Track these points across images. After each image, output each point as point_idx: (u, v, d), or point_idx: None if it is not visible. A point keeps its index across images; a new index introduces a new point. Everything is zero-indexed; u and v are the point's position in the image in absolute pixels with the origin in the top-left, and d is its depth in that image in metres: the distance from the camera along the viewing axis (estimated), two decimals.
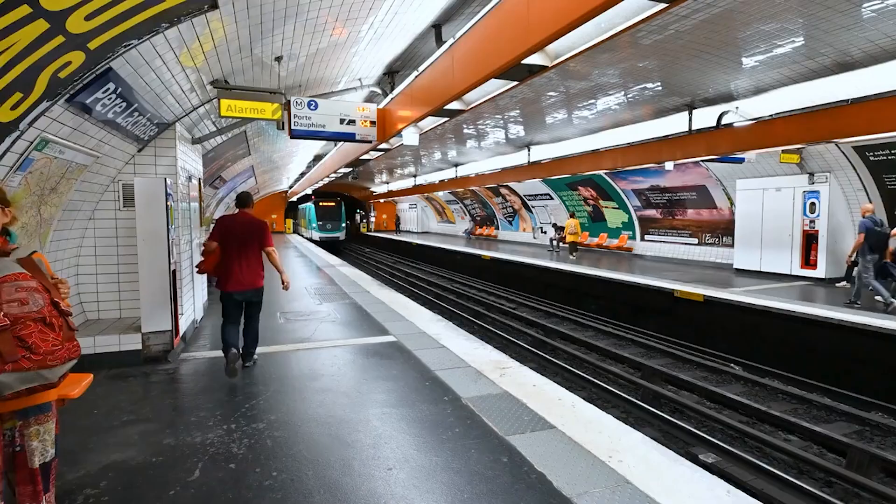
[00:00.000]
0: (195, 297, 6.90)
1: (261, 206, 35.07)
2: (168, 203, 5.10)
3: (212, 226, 5.16)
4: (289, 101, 6.65)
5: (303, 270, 13.30)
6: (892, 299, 7.56)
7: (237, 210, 4.97)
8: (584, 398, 3.88)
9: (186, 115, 5.93)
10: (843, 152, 9.78)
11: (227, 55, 5.24)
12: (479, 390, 4.21)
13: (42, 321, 1.81)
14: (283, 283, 4.93)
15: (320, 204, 31.94)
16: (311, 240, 31.03)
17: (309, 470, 2.96)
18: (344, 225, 32.40)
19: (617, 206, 16.74)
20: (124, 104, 4.12)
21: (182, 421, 3.71)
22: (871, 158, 9.48)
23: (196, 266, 5.39)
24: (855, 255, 8.09)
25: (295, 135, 6.84)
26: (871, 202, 9.26)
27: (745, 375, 7.14)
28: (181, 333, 5.59)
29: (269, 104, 6.09)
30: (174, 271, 5.29)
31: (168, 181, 5.14)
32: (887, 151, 9.18)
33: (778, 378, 7.19)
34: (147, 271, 5.02)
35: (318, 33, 5.70)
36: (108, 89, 3.68)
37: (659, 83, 8.60)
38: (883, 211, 9.76)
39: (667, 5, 3.34)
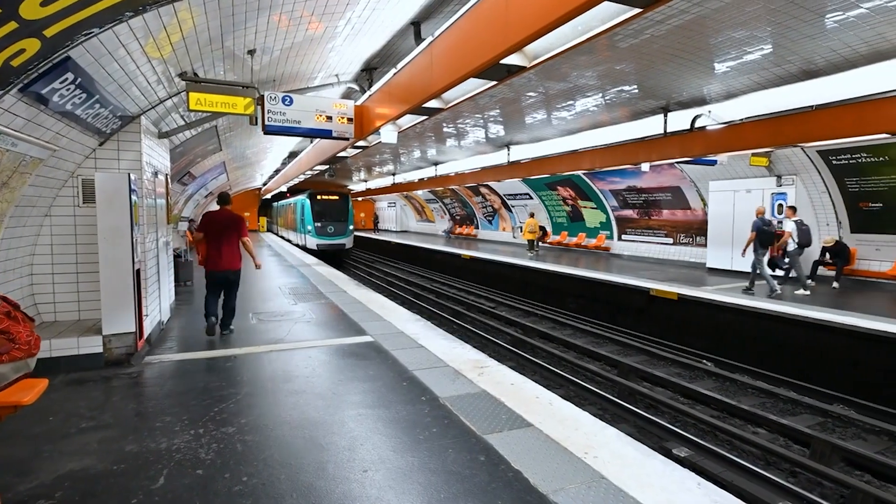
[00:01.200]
0: (161, 298, 6.68)
1: (233, 202, 34.39)
2: (132, 199, 4.91)
3: (180, 223, 5.16)
4: (262, 96, 6.49)
5: (277, 269, 13.04)
6: (778, 288, 8.84)
7: (219, 207, 6.29)
8: (561, 396, 3.89)
9: (153, 107, 5.73)
10: (808, 156, 10.12)
11: (196, 47, 5.07)
12: (457, 390, 4.17)
13: (7, 315, 1.86)
14: (255, 265, 6.41)
15: (319, 198, 22.50)
16: (302, 247, 22.23)
17: (281, 474, 2.88)
18: (351, 228, 23.13)
19: (595, 207, 16.96)
20: (84, 95, 3.93)
21: (146, 426, 3.56)
22: (834, 162, 9.84)
23: (199, 262, 6.42)
24: (749, 249, 9.35)
25: (269, 130, 6.68)
26: (835, 204, 9.63)
27: (716, 371, 7.30)
28: (146, 336, 5.39)
29: (241, 98, 5.92)
30: (138, 271, 5.10)
31: (132, 176, 4.95)
32: (848, 156, 9.54)
33: (748, 373, 7.38)
34: (109, 271, 4.81)
35: (294, 27, 5.58)
36: (67, 79, 3.50)
37: (635, 86, 8.72)
38: (845, 212, 10.13)
39: (641, 10, 3.37)
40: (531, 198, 19.89)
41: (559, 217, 19.16)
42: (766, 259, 9.32)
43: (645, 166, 11.55)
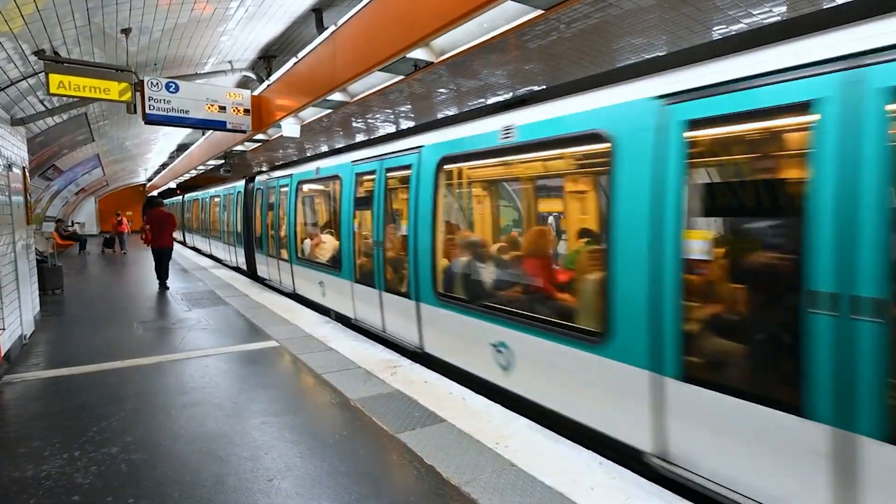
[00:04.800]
0: (22, 310, 5.78)
1: (111, 200, 30.79)
2: None
3: (44, 224, 4.49)
4: (141, 82, 5.85)
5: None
6: None
7: (156, 207, 9.98)
8: (475, 391, 3.99)
9: (2, 90, 4.92)
10: None
11: (55, 21, 4.43)
12: (369, 391, 4.10)
13: None
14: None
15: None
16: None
17: (175, 492, 2.64)
18: None
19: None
20: None
21: (6, 455, 3.08)
22: None
23: (144, 242, 9.67)
24: None
25: (151, 120, 6.06)
26: None
27: None
28: (3, 352, 4.65)
29: (115, 83, 5.29)
30: None
31: None
32: None
33: None
34: None
35: (177, 6, 5.09)
36: None
37: (545, 86, 9.15)
38: None
39: (544, 11, 3.53)
40: None
41: None
42: None
43: None
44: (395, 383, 4.26)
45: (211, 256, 16.08)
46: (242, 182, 11.73)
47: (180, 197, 23.30)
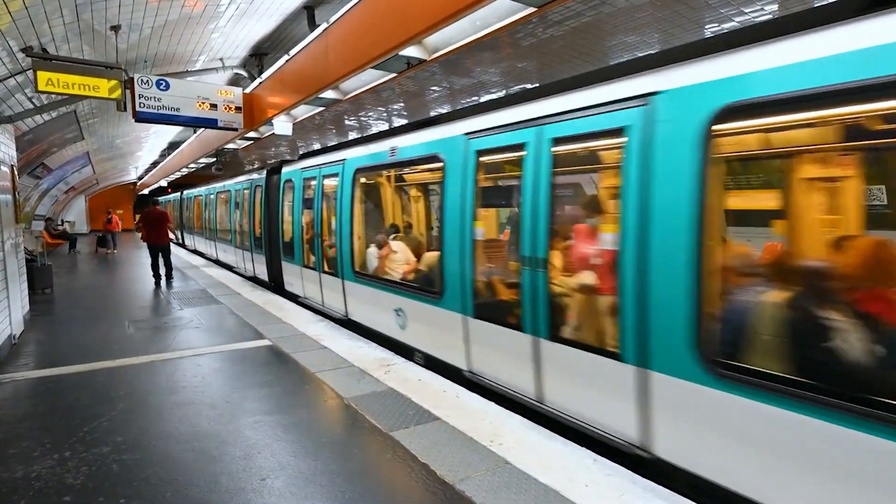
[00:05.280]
0: (11, 309, 5.72)
1: (101, 198, 30.45)
2: None
3: (33, 222, 4.42)
4: (132, 79, 5.80)
5: None
6: None
7: (151, 206, 10.22)
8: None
9: None
10: None
11: (43, 18, 4.38)
12: (363, 389, 4.09)
13: None
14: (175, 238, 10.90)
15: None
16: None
17: (167, 492, 2.62)
18: None
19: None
20: None
21: None
22: None
23: (142, 239, 10.10)
24: None
25: (141, 118, 6.00)
26: None
27: None
28: None
29: (104, 80, 5.23)
30: None
31: None
32: None
33: None
34: None
35: (167, 3, 5.04)
36: None
37: (537, 84, 9.17)
38: None
39: (536, 9, 3.53)
40: None
41: None
42: None
43: None
44: (389, 381, 4.25)
45: (217, 262, 14.00)
46: (262, 175, 9.60)
47: (178, 194, 21.25)
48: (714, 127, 2.43)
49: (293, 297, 8.10)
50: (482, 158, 4.04)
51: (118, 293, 9.74)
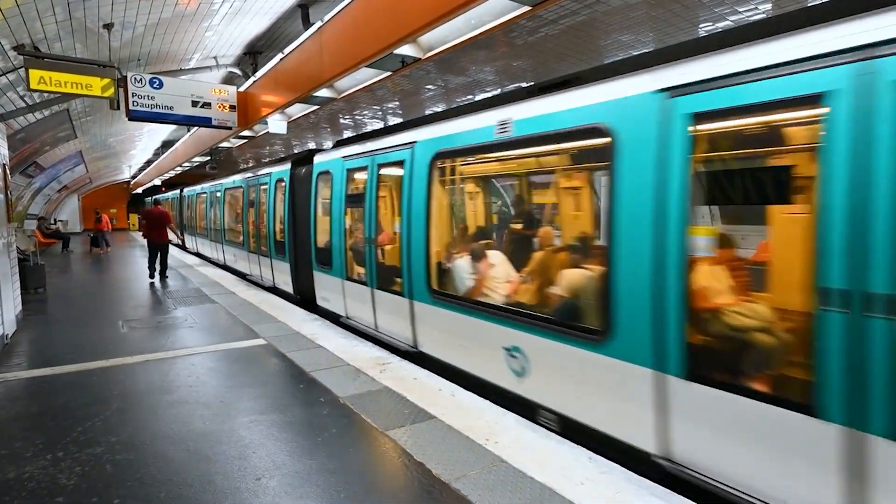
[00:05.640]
0: (3, 308, 5.67)
1: (94, 197, 30.26)
2: None
3: (25, 221, 4.38)
4: (125, 77, 5.76)
5: None
6: None
7: (153, 206, 11.38)
8: (464, 387, 3.99)
9: None
10: None
11: (35, 16, 4.34)
12: (358, 388, 4.09)
13: None
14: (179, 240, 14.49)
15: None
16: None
17: (161, 492, 2.61)
18: None
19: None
20: None
21: None
22: None
23: (143, 236, 10.42)
24: None
25: (134, 116, 5.97)
26: None
27: None
28: None
29: (97, 78, 5.20)
30: None
31: None
32: None
33: None
34: None
35: (160, 1, 5.01)
36: None
37: (533, 83, 9.17)
38: None
39: (531, 7, 3.53)
40: None
41: None
42: None
43: None
44: (385, 380, 4.25)
45: (226, 267, 12.32)
46: (285, 167, 8.03)
47: (178, 191, 19.32)
48: (435, 161, 4.54)
49: (329, 315, 6.68)
50: (701, 127, 2.55)
51: (112, 292, 9.67)
